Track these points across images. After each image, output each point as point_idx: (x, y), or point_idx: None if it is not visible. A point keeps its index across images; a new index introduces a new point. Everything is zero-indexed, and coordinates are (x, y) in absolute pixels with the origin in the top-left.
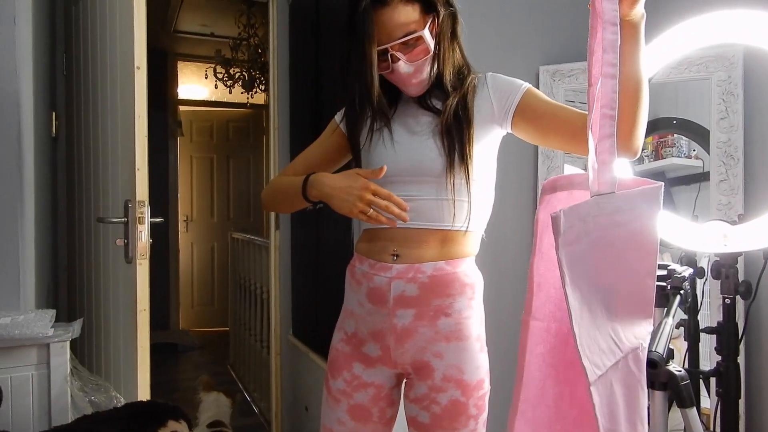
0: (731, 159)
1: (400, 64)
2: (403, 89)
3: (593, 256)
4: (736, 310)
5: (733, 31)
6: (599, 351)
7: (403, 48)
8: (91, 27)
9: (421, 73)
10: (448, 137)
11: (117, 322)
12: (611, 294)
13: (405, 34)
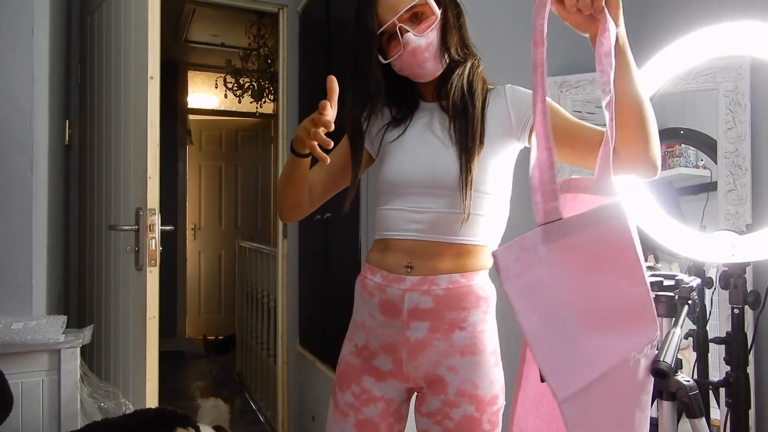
0: (739, 169)
1: (409, 36)
2: (418, 71)
3: (556, 278)
4: (745, 320)
5: (740, 43)
6: (573, 367)
7: (410, 22)
8: (105, 37)
9: (433, 45)
10: (459, 145)
11: (126, 329)
12: (589, 310)
13: (410, 6)
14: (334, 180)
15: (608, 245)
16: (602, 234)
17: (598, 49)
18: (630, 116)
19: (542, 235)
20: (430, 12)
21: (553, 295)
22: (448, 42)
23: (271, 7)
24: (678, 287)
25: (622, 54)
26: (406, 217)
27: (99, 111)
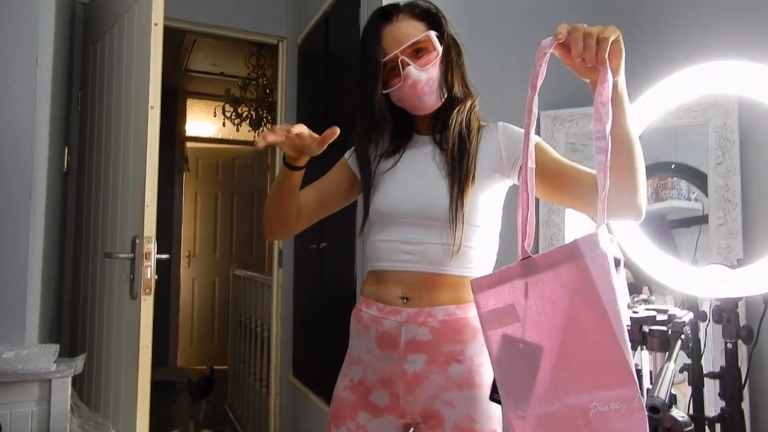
0: (729, 203)
1: (410, 69)
2: (417, 104)
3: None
4: (739, 355)
5: (727, 81)
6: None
7: (412, 55)
8: (107, 66)
9: (432, 79)
10: (450, 177)
11: (119, 359)
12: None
13: (413, 41)
14: (324, 202)
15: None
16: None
17: (596, 98)
18: (622, 162)
19: (520, 269)
20: (432, 48)
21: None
22: (448, 79)
23: (271, 39)
24: (671, 322)
25: (620, 104)
26: (398, 248)
27: (98, 138)
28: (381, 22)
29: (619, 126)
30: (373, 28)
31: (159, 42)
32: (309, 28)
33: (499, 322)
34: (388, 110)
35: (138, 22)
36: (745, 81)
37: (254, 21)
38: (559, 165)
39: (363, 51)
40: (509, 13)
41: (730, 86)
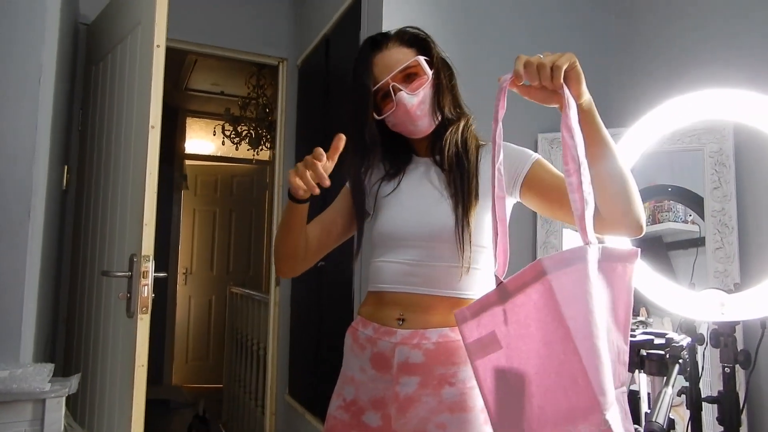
0: (726, 227)
1: (402, 95)
2: (411, 128)
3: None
4: (737, 380)
5: (723, 108)
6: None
7: (403, 81)
8: (109, 86)
9: (425, 103)
10: (454, 198)
11: (114, 377)
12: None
13: (403, 67)
14: (330, 234)
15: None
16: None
17: (561, 124)
18: (607, 178)
19: (496, 296)
20: (422, 72)
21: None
22: (440, 101)
23: (272, 60)
24: (669, 346)
25: (590, 122)
26: (401, 270)
27: (98, 157)
28: (371, 51)
29: (595, 144)
30: (363, 56)
31: (161, 63)
32: (309, 50)
33: (484, 352)
34: (381, 135)
35: (141, 43)
36: (739, 108)
37: (255, 42)
38: (560, 181)
39: (354, 79)
40: (505, 35)
41: (725, 113)
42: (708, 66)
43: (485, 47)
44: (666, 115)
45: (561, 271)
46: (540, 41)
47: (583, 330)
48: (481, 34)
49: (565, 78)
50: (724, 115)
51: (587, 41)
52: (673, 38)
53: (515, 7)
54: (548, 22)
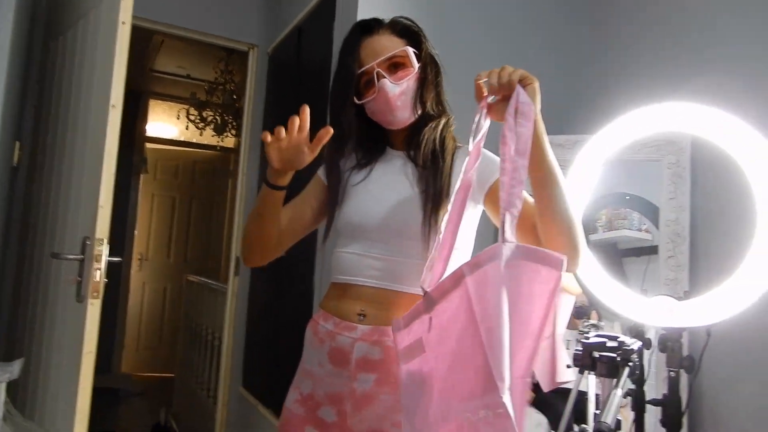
0: (678, 237)
1: (385, 82)
2: (389, 118)
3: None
4: (680, 384)
5: (682, 121)
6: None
7: (388, 69)
8: (69, 62)
9: (406, 95)
10: (424, 195)
11: (59, 364)
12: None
13: (390, 55)
14: (300, 221)
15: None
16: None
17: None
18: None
19: (423, 306)
20: (408, 63)
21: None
22: (423, 95)
23: (242, 45)
24: (620, 349)
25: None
26: (364, 262)
27: (54, 135)
28: (361, 34)
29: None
30: (352, 39)
31: (126, 41)
32: (281, 38)
33: (410, 357)
34: (360, 121)
35: (105, 19)
36: (698, 122)
37: (225, 26)
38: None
39: (340, 61)
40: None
41: (684, 126)
42: (673, 80)
43: (457, 49)
44: (628, 125)
45: (477, 272)
46: (511, 48)
47: (488, 321)
48: (454, 37)
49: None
50: (683, 128)
51: (558, 50)
52: (641, 51)
53: (489, 10)
54: (521, 29)
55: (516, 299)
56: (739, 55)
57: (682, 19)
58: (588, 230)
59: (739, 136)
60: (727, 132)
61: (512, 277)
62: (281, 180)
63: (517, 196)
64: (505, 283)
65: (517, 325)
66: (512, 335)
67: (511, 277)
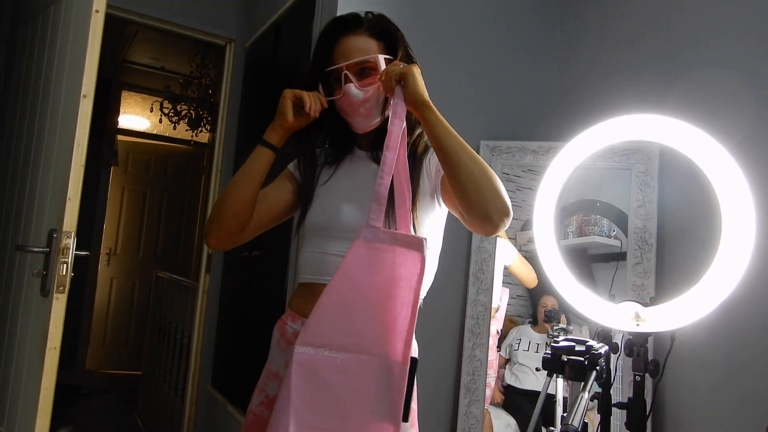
0: (646, 244)
1: (350, 87)
2: (351, 121)
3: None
4: (645, 388)
5: (651, 132)
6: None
7: (357, 73)
8: (38, 48)
9: (370, 102)
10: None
11: (21, 359)
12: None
13: (360, 59)
14: (272, 213)
15: None
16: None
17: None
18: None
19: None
20: (377, 71)
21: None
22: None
23: (219, 39)
24: (588, 353)
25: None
26: (333, 262)
27: (21, 123)
28: (339, 31)
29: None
30: (328, 35)
31: (99, 30)
32: (259, 34)
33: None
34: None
35: (77, 6)
36: (666, 133)
37: (202, 20)
38: None
39: (313, 53)
40: (454, 41)
41: (653, 136)
42: (643, 91)
43: (432, 48)
44: (600, 134)
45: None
46: (484, 56)
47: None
48: (429, 37)
49: (402, 83)
50: (652, 138)
51: (532, 57)
52: (615, 61)
53: (465, 14)
54: (494, 37)
55: (382, 281)
56: (709, 70)
57: (654, 32)
58: (559, 235)
59: (705, 148)
60: (694, 144)
61: (375, 259)
62: (279, 139)
63: (384, 186)
64: (366, 264)
65: (386, 308)
66: (382, 316)
67: (373, 259)
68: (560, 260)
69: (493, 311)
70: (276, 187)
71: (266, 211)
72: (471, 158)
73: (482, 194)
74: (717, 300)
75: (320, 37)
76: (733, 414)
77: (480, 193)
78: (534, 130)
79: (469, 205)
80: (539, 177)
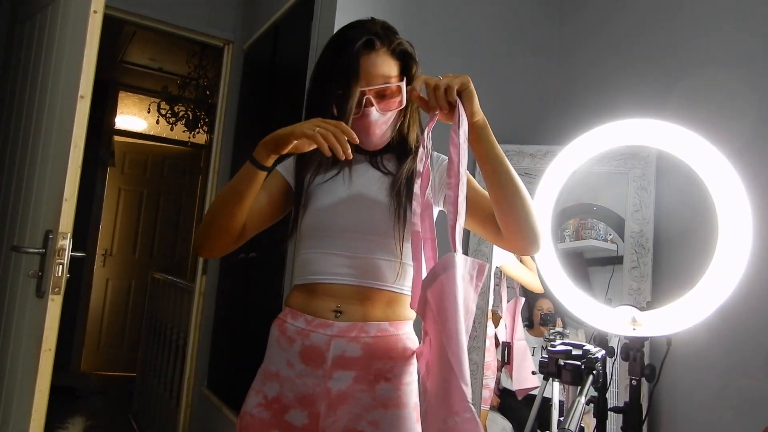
0: (642, 248)
1: (372, 110)
2: (364, 139)
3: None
4: (641, 392)
5: (648, 137)
6: None
7: (378, 96)
8: (36, 47)
9: (387, 125)
10: (397, 198)
11: (15, 361)
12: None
13: (384, 86)
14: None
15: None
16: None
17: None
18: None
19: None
20: (399, 96)
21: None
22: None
23: (217, 41)
24: (585, 357)
25: (480, 141)
26: (337, 261)
27: (17, 122)
28: (364, 48)
29: (487, 161)
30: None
31: (97, 30)
32: (257, 36)
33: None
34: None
35: (75, 6)
36: (663, 138)
37: (201, 21)
38: (474, 194)
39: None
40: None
41: (651, 141)
42: (641, 96)
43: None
44: (597, 138)
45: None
46: (483, 59)
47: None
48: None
49: (459, 97)
50: (649, 143)
51: (530, 60)
52: (613, 64)
53: (464, 17)
54: (493, 40)
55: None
56: (706, 76)
57: (652, 36)
58: (556, 239)
59: (702, 153)
60: (691, 148)
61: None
62: (270, 161)
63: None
64: (460, 291)
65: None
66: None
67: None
68: (557, 264)
69: (491, 314)
70: (265, 192)
71: (258, 216)
72: (520, 186)
73: (530, 222)
74: (713, 305)
75: (337, 49)
76: (729, 419)
77: (528, 221)
78: (532, 134)
79: (517, 233)
80: (537, 180)
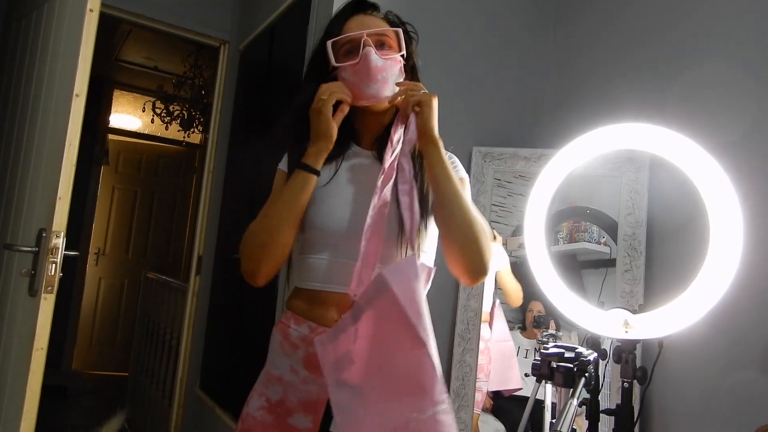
0: (635, 252)
1: (370, 50)
2: (365, 89)
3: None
4: (633, 394)
5: (642, 141)
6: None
7: (376, 44)
8: (31, 45)
9: (387, 72)
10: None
11: (7, 360)
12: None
13: (381, 30)
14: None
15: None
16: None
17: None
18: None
19: (350, 317)
20: (395, 48)
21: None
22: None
23: (213, 41)
24: (577, 360)
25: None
26: (340, 269)
27: (12, 120)
28: (352, 10)
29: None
30: (342, 13)
31: (92, 29)
32: (253, 36)
33: (339, 371)
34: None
35: (71, 4)
36: (657, 142)
37: (197, 20)
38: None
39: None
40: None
41: (644, 145)
42: (638, 98)
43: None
44: (591, 142)
45: (399, 279)
46: (478, 62)
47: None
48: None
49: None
50: (642, 147)
51: (525, 64)
52: (608, 69)
53: (459, 21)
54: (488, 44)
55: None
56: (703, 78)
57: (648, 40)
58: (549, 241)
59: (694, 157)
60: (683, 153)
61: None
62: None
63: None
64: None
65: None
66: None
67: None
68: (550, 266)
69: (485, 315)
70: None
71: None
72: (463, 210)
73: (464, 251)
74: (705, 308)
75: (334, 16)
76: (721, 421)
77: (463, 250)
78: (526, 137)
79: (449, 255)
80: (531, 183)
